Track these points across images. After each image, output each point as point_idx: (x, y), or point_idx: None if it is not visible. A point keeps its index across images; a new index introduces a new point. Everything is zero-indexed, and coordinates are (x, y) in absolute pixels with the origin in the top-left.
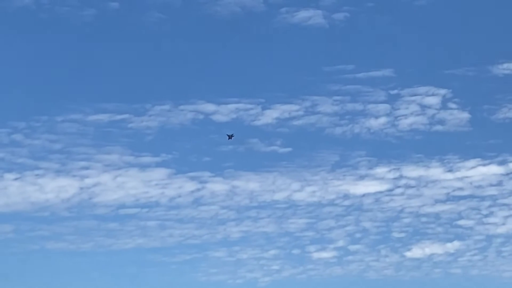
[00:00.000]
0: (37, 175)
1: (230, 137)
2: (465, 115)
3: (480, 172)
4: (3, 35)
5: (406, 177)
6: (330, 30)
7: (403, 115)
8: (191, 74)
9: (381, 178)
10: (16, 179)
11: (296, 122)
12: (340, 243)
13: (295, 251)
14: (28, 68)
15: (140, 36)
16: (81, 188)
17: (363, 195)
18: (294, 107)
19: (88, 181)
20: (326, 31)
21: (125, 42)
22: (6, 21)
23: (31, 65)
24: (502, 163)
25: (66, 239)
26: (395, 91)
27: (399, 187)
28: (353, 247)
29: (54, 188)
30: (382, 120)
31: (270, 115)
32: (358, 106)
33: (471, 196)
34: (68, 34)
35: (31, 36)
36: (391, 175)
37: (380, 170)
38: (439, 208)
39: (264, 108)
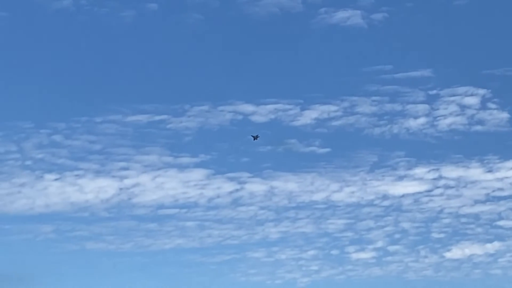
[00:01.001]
0: (76, 175)
1: (255, 138)
2: (505, 115)
3: None
4: (43, 37)
5: (445, 178)
6: (368, 30)
7: (442, 116)
8: (230, 74)
9: (420, 179)
10: (56, 179)
11: (334, 123)
12: (379, 243)
13: (334, 252)
14: (68, 69)
15: (178, 37)
16: (121, 189)
17: (402, 196)
18: (332, 107)
19: (127, 182)
20: (364, 31)
21: (164, 43)
22: (45, 23)
23: (71, 66)
24: None
25: (105, 239)
26: (434, 92)
27: (438, 187)
28: (392, 248)
29: (93, 189)
30: (421, 120)
31: (309, 116)
32: (397, 107)
33: (511, 197)
34: (107, 35)
35: (70, 38)
36: (430, 176)
37: (419, 171)
38: (478, 208)
39: (302, 109)
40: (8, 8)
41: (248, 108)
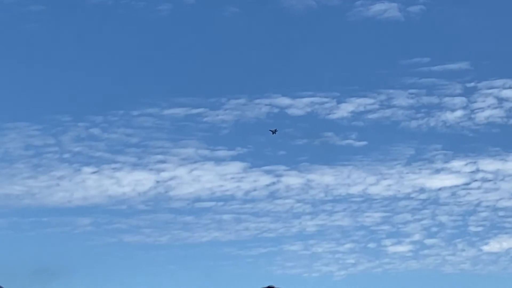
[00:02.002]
0: (114, 168)
1: (273, 132)
2: None
3: None
4: (80, 30)
5: (483, 171)
6: (405, 22)
7: (479, 108)
8: (266, 68)
9: (457, 172)
10: (93, 172)
11: (371, 116)
12: (416, 237)
13: (371, 245)
14: (105, 63)
15: (215, 30)
16: (158, 182)
17: (439, 189)
18: (369, 100)
19: (164, 175)
20: (401, 24)
21: (200, 36)
22: (83, 16)
23: (108, 60)
24: None
25: (143, 232)
26: (472, 84)
27: (476, 180)
28: (429, 241)
29: (131, 182)
30: (459, 113)
31: (345, 109)
32: (434, 99)
33: None
34: (145, 29)
35: (108, 32)
36: (468, 169)
37: (457, 164)
38: None
39: (339, 102)
40: (46, 2)
41: (285, 101)
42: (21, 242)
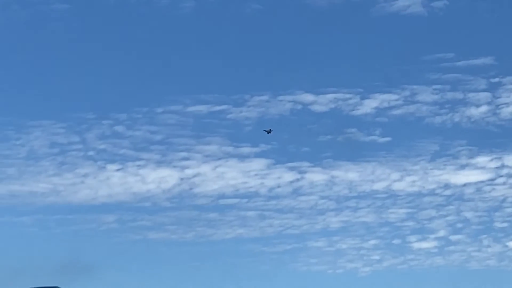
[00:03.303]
0: (138, 165)
1: (268, 132)
2: None
3: None
4: (104, 29)
5: (508, 166)
6: (429, 18)
7: (504, 104)
8: (290, 64)
9: (482, 168)
10: (118, 170)
11: (395, 112)
12: (441, 233)
13: (396, 241)
14: (128, 61)
15: (237, 27)
16: (182, 179)
17: (464, 185)
18: (393, 96)
19: (188, 172)
20: (425, 20)
21: (223, 33)
22: (106, 15)
23: (131, 58)
24: None
25: (167, 229)
26: (496, 79)
27: (501, 176)
28: (454, 237)
29: (155, 179)
30: (483, 108)
31: (369, 105)
32: (458, 95)
33: None
34: (167, 26)
35: (130, 30)
36: (493, 164)
37: (481, 159)
38: None
39: (363, 98)
40: (70, 0)
41: (308, 97)
42: (46, 239)
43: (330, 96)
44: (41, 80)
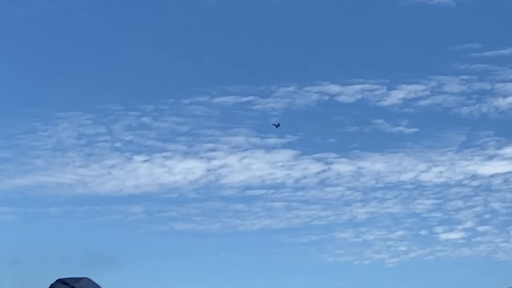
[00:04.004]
0: (165, 157)
1: (276, 126)
2: None
3: None
4: (131, 20)
5: None
6: (456, 8)
7: None
8: (316, 55)
9: (510, 158)
10: (145, 161)
11: (422, 102)
12: (469, 224)
13: (423, 232)
14: (155, 52)
15: (263, 19)
16: (208, 170)
17: (492, 176)
18: (420, 87)
19: (215, 163)
20: (452, 9)
21: (249, 24)
22: (134, 7)
23: (158, 49)
24: None
25: (194, 220)
26: None
27: None
28: (481, 228)
29: (182, 170)
30: (511, 99)
31: (396, 96)
32: (486, 86)
33: None
34: (194, 17)
35: (158, 21)
36: None
37: (509, 150)
38: None
39: (389, 89)
40: None
41: (334, 88)
42: (74, 230)
43: (357, 87)
44: (68, 72)
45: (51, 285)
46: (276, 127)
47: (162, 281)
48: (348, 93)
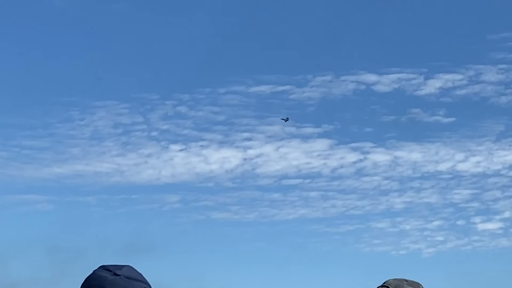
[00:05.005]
0: (201, 146)
1: (286, 120)
2: None
3: None
4: (168, 10)
5: None
6: None
7: None
8: (353, 44)
9: None
10: (181, 150)
11: (459, 92)
12: (507, 214)
13: (460, 222)
14: (191, 41)
15: (300, 7)
16: (244, 159)
17: None
18: (457, 76)
19: (251, 152)
20: None
21: (286, 13)
22: None
23: (194, 38)
24: None
25: (230, 209)
26: None
27: None
28: None
29: (218, 159)
30: None
31: (433, 85)
32: None
33: None
34: (228, 7)
35: (194, 10)
36: None
37: None
38: None
39: (426, 78)
40: None
41: (371, 77)
42: (110, 219)
43: (394, 76)
44: (104, 61)
45: (94, 271)
46: (285, 121)
47: (198, 269)
48: (385, 82)
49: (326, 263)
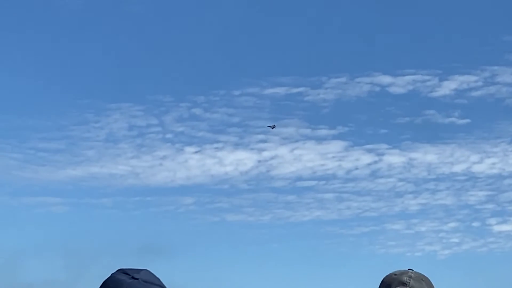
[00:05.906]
0: (216, 148)
1: (272, 127)
2: None
3: None
4: (184, 12)
5: None
6: None
7: None
8: (367, 46)
9: None
10: (196, 152)
11: (474, 93)
12: None
13: (475, 224)
14: (206, 43)
15: (314, 8)
16: (259, 161)
17: None
18: (472, 77)
19: (265, 154)
20: None
21: (300, 15)
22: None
23: (209, 40)
24: None
25: (245, 211)
26: None
27: None
28: None
29: (232, 161)
30: None
31: (448, 86)
32: None
33: None
34: (244, 9)
35: (209, 13)
36: None
37: None
38: None
39: (441, 79)
40: None
41: (386, 79)
42: (125, 221)
43: (408, 78)
44: (119, 64)
45: (112, 274)
46: (272, 128)
47: (213, 271)
48: (400, 84)
49: (341, 264)
